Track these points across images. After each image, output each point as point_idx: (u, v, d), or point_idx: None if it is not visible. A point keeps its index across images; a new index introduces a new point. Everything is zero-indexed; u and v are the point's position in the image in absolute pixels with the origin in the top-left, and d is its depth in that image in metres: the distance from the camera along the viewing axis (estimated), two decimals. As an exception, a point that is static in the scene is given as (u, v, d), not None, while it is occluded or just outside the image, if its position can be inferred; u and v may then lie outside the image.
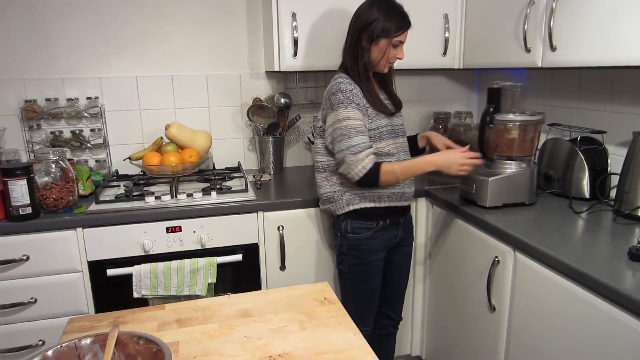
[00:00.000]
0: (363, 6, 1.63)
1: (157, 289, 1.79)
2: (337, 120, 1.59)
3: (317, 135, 1.73)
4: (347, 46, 1.67)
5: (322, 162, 1.72)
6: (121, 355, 0.88)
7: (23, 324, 1.76)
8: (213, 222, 1.85)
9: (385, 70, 1.68)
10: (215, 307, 1.18)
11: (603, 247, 1.34)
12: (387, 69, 1.68)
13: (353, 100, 1.59)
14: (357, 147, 1.56)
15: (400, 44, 1.63)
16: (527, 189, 1.73)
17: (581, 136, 1.82)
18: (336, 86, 1.61)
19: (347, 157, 1.57)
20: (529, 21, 1.74)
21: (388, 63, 1.66)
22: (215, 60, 2.36)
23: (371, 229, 1.69)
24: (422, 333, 2.19)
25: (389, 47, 1.61)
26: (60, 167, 1.79)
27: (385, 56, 1.62)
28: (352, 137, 1.56)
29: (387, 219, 1.71)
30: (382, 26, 1.58)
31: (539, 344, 1.40)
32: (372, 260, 1.72)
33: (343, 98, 1.58)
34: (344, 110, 1.58)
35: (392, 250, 1.79)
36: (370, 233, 1.70)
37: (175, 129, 2.16)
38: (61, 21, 2.14)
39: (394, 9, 1.60)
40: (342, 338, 1.03)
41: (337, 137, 1.59)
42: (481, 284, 1.64)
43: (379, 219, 1.70)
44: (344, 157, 1.58)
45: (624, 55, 1.39)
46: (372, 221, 1.69)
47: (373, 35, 1.59)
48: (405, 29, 1.62)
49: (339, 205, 1.71)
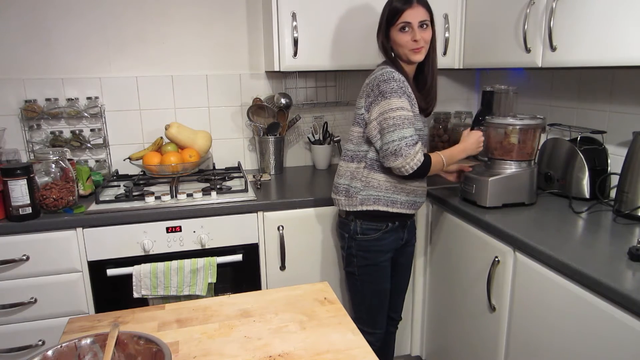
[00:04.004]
0: None
1: (157, 289, 1.79)
2: (390, 109, 1.53)
3: (355, 123, 1.67)
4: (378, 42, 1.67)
5: (353, 150, 1.67)
6: (121, 355, 0.88)
7: (23, 324, 1.76)
8: (213, 222, 1.85)
9: (415, 58, 1.59)
10: (215, 307, 1.18)
11: (603, 247, 1.34)
12: (415, 55, 1.59)
13: (405, 92, 1.56)
14: (411, 138, 1.52)
15: (408, 25, 1.55)
16: (527, 189, 1.73)
17: (581, 136, 1.82)
18: (388, 74, 1.55)
19: (402, 149, 1.51)
20: (529, 21, 1.74)
21: (411, 51, 1.58)
22: (215, 60, 2.36)
23: (380, 230, 1.68)
24: (422, 333, 2.19)
25: (395, 35, 1.58)
26: (60, 167, 1.79)
27: (400, 44, 1.58)
28: (406, 127, 1.52)
29: (396, 221, 1.71)
30: (386, 16, 1.59)
31: (539, 344, 1.40)
32: (381, 261, 1.71)
33: (397, 87, 1.53)
34: (398, 99, 1.53)
35: (398, 251, 1.79)
36: (379, 234, 1.69)
37: (175, 129, 2.16)
38: (61, 21, 2.14)
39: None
40: (342, 338, 1.03)
41: (389, 126, 1.53)
42: (481, 284, 1.64)
43: (388, 220, 1.69)
44: (399, 148, 1.51)
45: (624, 55, 1.39)
46: (381, 223, 1.68)
47: (381, 29, 1.61)
48: (404, 7, 1.54)
49: (352, 202, 1.67)
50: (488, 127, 1.78)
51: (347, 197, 1.69)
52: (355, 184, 1.67)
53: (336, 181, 1.74)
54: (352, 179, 1.68)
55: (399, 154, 1.52)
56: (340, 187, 1.71)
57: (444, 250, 1.92)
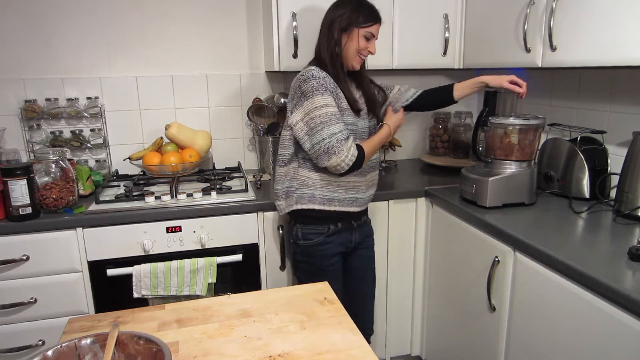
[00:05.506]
0: (331, 6, 1.63)
1: (157, 289, 1.79)
2: (314, 107, 1.50)
3: (285, 127, 1.63)
4: (319, 43, 1.63)
5: (285, 155, 1.64)
6: (121, 355, 0.88)
7: (23, 324, 1.76)
8: (213, 222, 1.85)
9: (356, 66, 1.62)
10: (215, 307, 1.17)
11: (603, 247, 1.34)
12: (358, 64, 1.62)
13: (328, 88, 1.53)
14: (340, 134, 1.50)
15: (372, 37, 1.60)
16: (527, 189, 1.73)
17: (581, 136, 1.82)
18: (307, 73, 1.54)
19: (334, 146, 1.49)
20: (529, 21, 1.74)
21: (358, 56, 1.60)
22: (215, 60, 2.36)
23: (322, 233, 1.64)
24: (422, 333, 2.19)
25: (358, 38, 1.57)
26: (60, 167, 1.79)
27: (355, 47, 1.58)
28: (334, 123, 1.50)
29: (339, 222, 1.66)
30: (350, 16, 1.57)
31: (539, 344, 1.40)
32: (326, 265, 1.67)
33: (317, 85, 1.51)
34: (320, 97, 1.51)
35: (349, 255, 1.76)
36: (321, 238, 1.65)
37: (175, 129, 2.16)
38: (61, 21, 2.14)
39: (362, 3, 1.59)
40: (342, 338, 1.03)
41: (317, 125, 1.50)
42: (481, 284, 1.64)
43: (329, 223, 1.65)
44: (330, 146, 1.50)
45: (624, 55, 1.39)
46: (322, 225, 1.64)
47: (343, 25, 1.57)
48: (375, 21, 1.58)
49: (289, 202, 1.64)
50: (491, 127, 1.78)
51: (285, 199, 1.66)
52: (292, 184, 1.64)
53: (274, 188, 1.69)
54: (290, 181, 1.65)
55: (332, 151, 1.50)
56: (279, 192, 1.68)
57: (444, 250, 1.92)
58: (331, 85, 1.55)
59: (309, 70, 1.55)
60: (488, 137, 1.80)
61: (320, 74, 1.54)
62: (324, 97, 1.51)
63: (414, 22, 2.15)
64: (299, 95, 1.55)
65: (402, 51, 2.17)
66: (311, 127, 1.52)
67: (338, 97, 1.57)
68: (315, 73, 1.54)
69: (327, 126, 1.50)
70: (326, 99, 1.51)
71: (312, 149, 1.54)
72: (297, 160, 1.64)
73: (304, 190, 1.62)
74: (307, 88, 1.52)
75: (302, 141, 1.56)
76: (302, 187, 1.63)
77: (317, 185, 1.62)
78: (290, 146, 1.63)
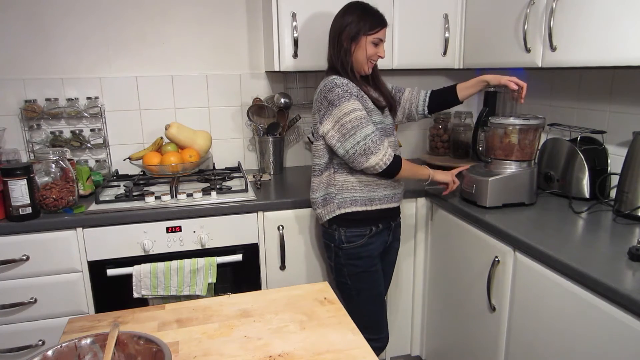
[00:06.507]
0: (338, 14, 1.66)
1: (157, 289, 1.79)
2: (343, 114, 1.55)
3: (316, 138, 1.68)
4: (330, 52, 1.67)
5: (319, 164, 1.67)
6: (121, 355, 0.88)
7: (23, 324, 1.76)
8: (213, 222, 1.85)
9: (367, 71, 1.67)
10: (215, 307, 1.17)
11: (603, 247, 1.34)
12: (369, 69, 1.67)
13: (353, 93, 1.57)
14: (372, 135, 1.54)
15: (380, 42, 1.63)
16: (527, 189, 1.73)
17: (581, 136, 1.82)
18: (331, 82, 1.59)
19: (370, 146, 1.53)
20: (529, 21, 1.74)
21: (369, 61, 1.64)
22: (215, 60, 2.36)
23: (365, 235, 1.67)
24: (422, 333, 2.19)
25: (367, 44, 1.61)
26: (60, 167, 1.79)
27: (364, 54, 1.61)
28: (365, 126, 1.54)
29: (380, 223, 1.69)
30: (358, 24, 1.60)
31: (539, 344, 1.40)
32: (370, 266, 1.70)
33: (342, 92, 1.56)
34: (347, 103, 1.55)
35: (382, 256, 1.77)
36: (365, 240, 1.67)
37: (175, 129, 2.16)
38: (61, 21, 2.14)
39: (367, 10, 1.62)
40: (342, 338, 1.03)
41: (349, 130, 1.54)
42: (481, 284, 1.64)
43: (371, 224, 1.67)
44: (367, 147, 1.54)
45: (624, 55, 1.39)
46: (364, 227, 1.67)
47: (351, 34, 1.60)
48: (382, 26, 1.63)
49: (330, 208, 1.67)
50: (491, 127, 1.77)
51: (325, 206, 1.69)
52: (330, 190, 1.67)
53: (312, 197, 1.73)
54: (326, 188, 1.68)
55: (369, 152, 1.54)
56: (317, 200, 1.71)
57: (444, 250, 1.92)
58: (355, 90, 1.59)
59: (332, 79, 1.59)
60: (488, 137, 1.80)
61: (342, 81, 1.58)
62: (351, 102, 1.56)
63: (414, 22, 2.15)
64: (325, 105, 1.59)
65: (402, 51, 2.17)
66: (343, 134, 1.55)
67: (364, 100, 1.61)
68: (338, 81, 1.58)
69: (360, 129, 1.54)
70: (353, 103, 1.56)
71: (346, 154, 1.57)
72: (332, 167, 1.66)
73: (345, 195, 1.65)
74: (333, 97, 1.56)
75: (336, 148, 1.59)
76: (342, 191, 1.65)
77: (357, 187, 1.65)
78: (325, 155, 1.66)
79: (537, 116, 1.75)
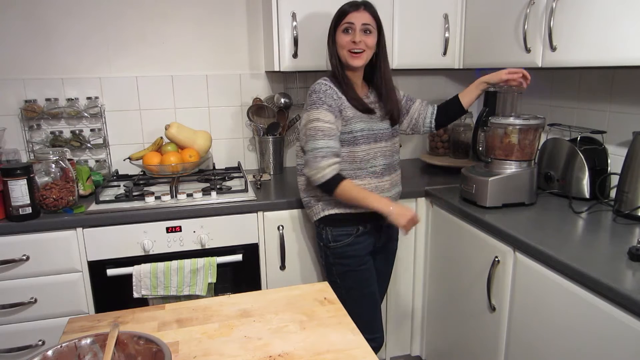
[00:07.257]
0: None
1: (157, 289, 1.79)
2: (308, 120, 1.58)
3: None
4: None
5: (302, 164, 1.68)
6: (121, 355, 0.88)
7: (23, 324, 1.76)
8: (213, 222, 1.85)
9: (352, 62, 1.59)
10: (215, 307, 1.17)
11: (603, 247, 1.34)
12: (353, 59, 1.59)
13: (325, 102, 1.57)
14: (319, 150, 1.54)
15: (351, 26, 1.57)
16: (527, 189, 1.73)
17: (581, 136, 1.82)
18: (312, 87, 1.62)
19: (310, 160, 1.56)
20: (529, 21, 1.74)
21: (349, 52, 1.59)
22: (215, 60, 2.36)
23: (352, 234, 1.67)
24: (422, 333, 2.19)
25: (338, 34, 1.60)
26: (60, 167, 1.79)
27: (340, 45, 1.60)
28: (318, 139, 1.55)
29: (367, 224, 1.68)
30: (334, 19, 1.62)
31: (539, 344, 1.40)
32: (358, 265, 1.69)
33: (316, 99, 1.58)
34: (315, 111, 1.57)
35: (374, 256, 1.76)
36: (351, 239, 1.67)
37: (175, 129, 2.16)
38: (61, 21, 2.14)
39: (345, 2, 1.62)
40: (342, 338, 1.03)
41: (308, 137, 1.57)
42: (481, 284, 1.64)
43: (358, 224, 1.67)
44: (308, 159, 1.57)
45: (624, 55, 1.39)
46: (351, 227, 1.66)
47: (330, 31, 1.63)
48: (350, 10, 1.57)
49: (315, 210, 1.69)
50: (491, 127, 1.77)
51: (310, 208, 1.72)
52: (312, 193, 1.70)
53: (301, 197, 1.77)
54: (309, 190, 1.71)
55: (308, 164, 1.58)
56: (303, 201, 1.76)
57: (444, 250, 1.92)
58: (332, 99, 1.58)
59: (315, 84, 1.63)
60: (488, 137, 1.80)
61: (322, 88, 1.59)
62: (319, 111, 1.57)
63: (414, 22, 2.15)
64: (307, 105, 1.63)
65: (402, 51, 2.17)
66: (304, 138, 1.61)
67: (341, 108, 1.60)
68: (317, 87, 1.60)
69: (312, 140, 1.56)
70: (320, 113, 1.57)
71: (305, 156, 1.62)
72: None
73: (328, 197, 1.65)
74: (309, 101, 1.61)
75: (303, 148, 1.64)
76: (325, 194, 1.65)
77: None
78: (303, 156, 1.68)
79: (537, 116, 1.75)
